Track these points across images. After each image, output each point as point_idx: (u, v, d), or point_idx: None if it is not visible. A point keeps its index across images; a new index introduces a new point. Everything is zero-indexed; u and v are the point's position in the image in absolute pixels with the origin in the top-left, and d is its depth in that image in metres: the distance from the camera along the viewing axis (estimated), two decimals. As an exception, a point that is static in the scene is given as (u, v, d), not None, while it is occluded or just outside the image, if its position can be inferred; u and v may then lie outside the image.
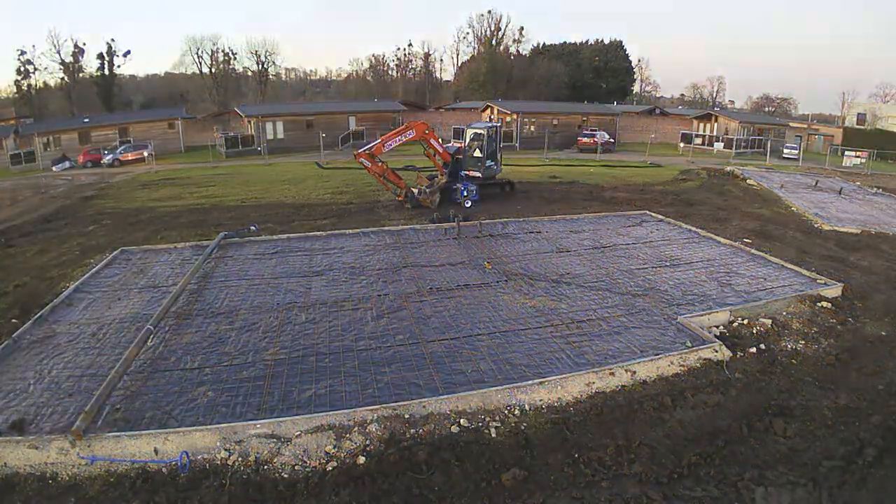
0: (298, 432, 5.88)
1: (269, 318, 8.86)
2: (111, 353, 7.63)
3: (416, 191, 17.68)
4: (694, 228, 15.07)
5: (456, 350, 7.80)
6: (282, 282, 10.52)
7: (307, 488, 5.22)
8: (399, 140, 17.25)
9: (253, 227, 14.13)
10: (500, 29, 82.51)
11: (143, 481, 5.31)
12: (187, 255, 12.19)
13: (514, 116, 40.72)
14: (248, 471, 5.46)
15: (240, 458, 5.59)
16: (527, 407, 6.60)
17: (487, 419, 6.32)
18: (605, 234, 14.39)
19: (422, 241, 13.34)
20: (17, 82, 63.64)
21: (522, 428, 6.23)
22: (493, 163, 19.10)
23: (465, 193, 17.92)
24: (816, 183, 25.32)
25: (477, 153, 18.58)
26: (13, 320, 8.96)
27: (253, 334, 8.27)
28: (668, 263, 11.86)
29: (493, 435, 6.08)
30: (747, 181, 24.86)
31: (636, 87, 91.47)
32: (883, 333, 8.82)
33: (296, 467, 5.53)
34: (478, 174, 18.54)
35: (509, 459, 5.64)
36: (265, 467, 5.51)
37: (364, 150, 16.97)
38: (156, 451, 5.61)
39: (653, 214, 16.60)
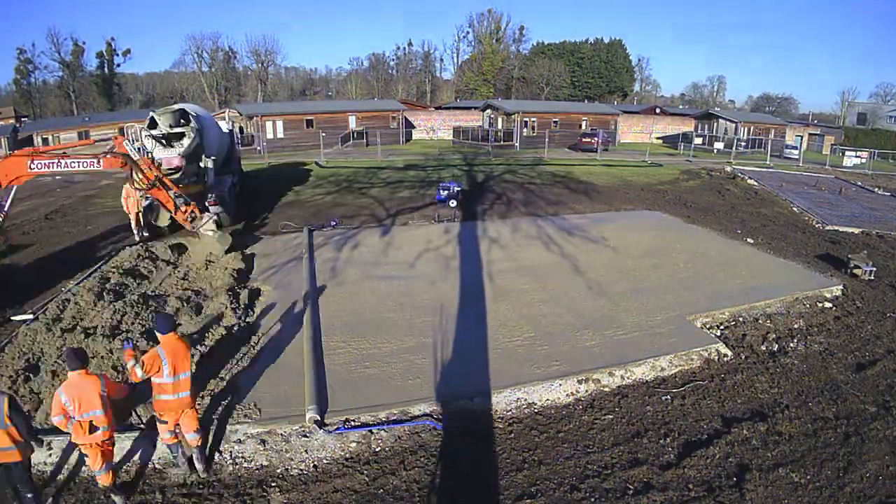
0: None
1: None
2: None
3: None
4: (696, 226, 15.06)
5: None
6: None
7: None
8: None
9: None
10: (500, 28, 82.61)
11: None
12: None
13: (515, 116, 40.66)
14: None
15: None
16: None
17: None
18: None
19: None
20: (16, 81, 63.65)
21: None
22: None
23: (446, 199, 17.24)
24: (816, 183, 25.32)
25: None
26: (12, 318, 8.94)
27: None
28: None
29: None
30: (747, 181, 24.84)
31: (637, 87, 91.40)
32: (883, 333, 8.82)
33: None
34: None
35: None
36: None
37: None
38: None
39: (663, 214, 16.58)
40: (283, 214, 16.36)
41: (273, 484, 5.36)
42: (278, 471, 5.53)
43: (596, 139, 37.21)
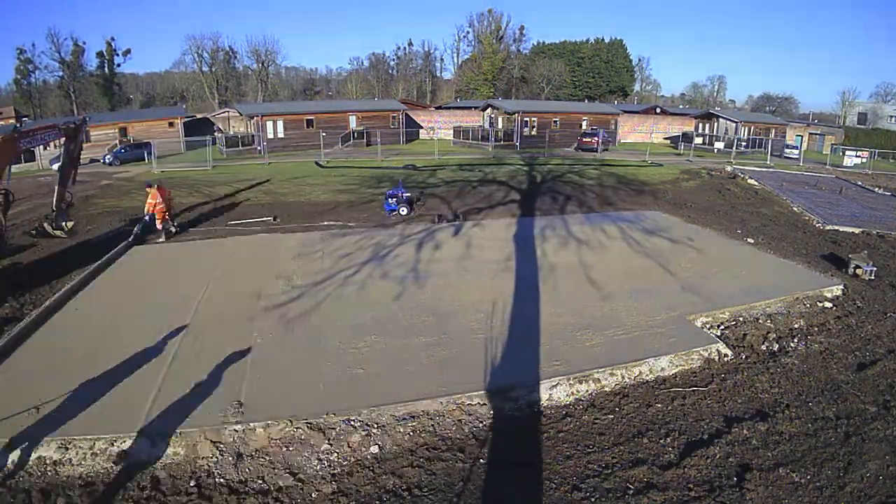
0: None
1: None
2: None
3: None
4: (696, 226, 15.05)
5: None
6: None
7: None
8: None
9: None
10: (500, 28, 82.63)
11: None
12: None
13: (516, 115, 40.65)
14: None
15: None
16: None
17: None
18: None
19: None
20: (16, 81, 63.73)
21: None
22: None
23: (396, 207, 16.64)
24: (817, 182, 25.32)
25: None
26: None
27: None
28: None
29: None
30: (748, 181, 24.84)
31: (637, 86, 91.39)
32: (883, 333, 8.81)
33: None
34: None
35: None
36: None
37: None
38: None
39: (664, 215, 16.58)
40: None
41: (272, 484, 5.35)
42: (277, 471, 5.53)
43: (596, 139, 37.28)
